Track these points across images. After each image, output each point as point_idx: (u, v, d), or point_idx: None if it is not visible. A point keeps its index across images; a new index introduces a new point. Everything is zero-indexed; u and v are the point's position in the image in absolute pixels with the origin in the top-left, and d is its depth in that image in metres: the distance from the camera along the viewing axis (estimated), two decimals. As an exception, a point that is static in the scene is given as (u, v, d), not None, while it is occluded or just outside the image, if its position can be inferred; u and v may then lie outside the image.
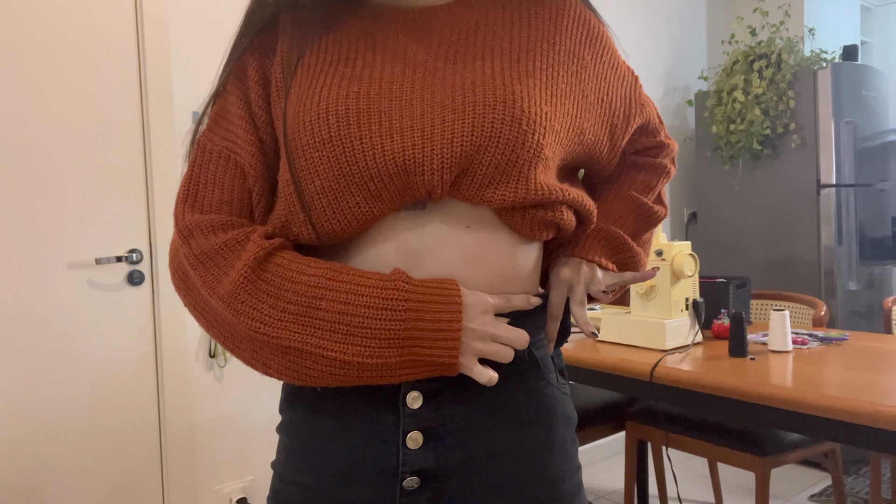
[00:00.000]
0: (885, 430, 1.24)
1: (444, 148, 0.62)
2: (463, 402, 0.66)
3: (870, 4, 4.03)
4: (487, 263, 0.67)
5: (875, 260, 3.17)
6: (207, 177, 0.70)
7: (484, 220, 0.66)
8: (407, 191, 0.63)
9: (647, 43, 3.51)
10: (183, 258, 0.67)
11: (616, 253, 0.79)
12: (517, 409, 0.68)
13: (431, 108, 0.63)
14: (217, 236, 0.66)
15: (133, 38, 2.04)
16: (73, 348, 1.94)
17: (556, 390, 0.72)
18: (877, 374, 1.47)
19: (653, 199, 0.84)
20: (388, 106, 0.63)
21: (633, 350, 1.81)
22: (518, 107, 0.63)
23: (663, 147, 0.85)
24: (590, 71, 0.73)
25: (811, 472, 2.93)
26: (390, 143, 0.62)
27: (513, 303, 0.68)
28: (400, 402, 0.65)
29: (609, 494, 2.77)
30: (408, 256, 0.65)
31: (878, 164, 3.17)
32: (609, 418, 2.29)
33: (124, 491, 2.04)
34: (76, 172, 1.94)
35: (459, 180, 0.64)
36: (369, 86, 0.65)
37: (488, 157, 0.63)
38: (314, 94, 0.65)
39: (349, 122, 0.63)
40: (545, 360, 0.72)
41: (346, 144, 0.62)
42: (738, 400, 1.46)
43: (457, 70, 0.66)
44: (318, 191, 0.64)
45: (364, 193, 0.63)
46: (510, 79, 0.65)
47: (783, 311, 1.73)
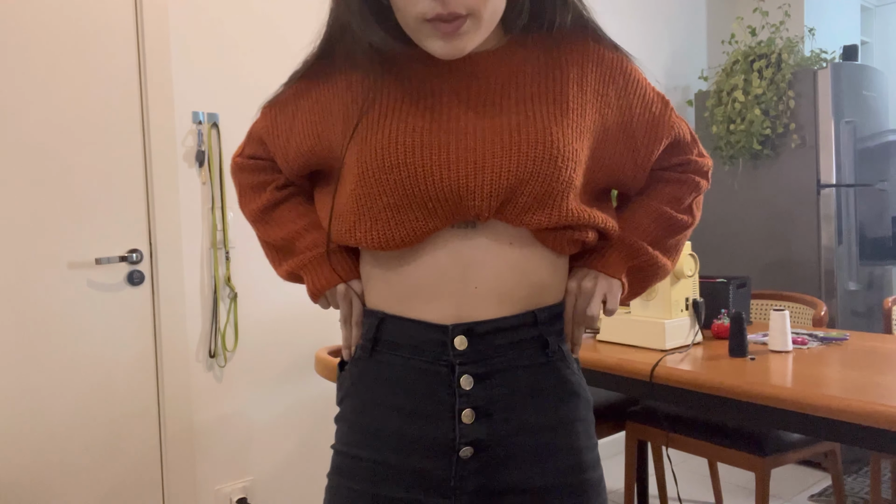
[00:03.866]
0: (885, 430, 1.24)
1: (493, 180, 0.75)
2: (506, 385, 0.80)
3: (870, 4, 4.03)
4: (528, 273, 0.81)
5: (875, 260, 3.17)
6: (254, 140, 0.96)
7: (523, 238, 0.80)
8: (459, 211, 0.77)
9: (647, 43, 3.51)
10: (234, 181, 0.99)
11: (632, 259, 0.89)
12: (548, 391, 0.82)
13: (483, 145, 0.76)
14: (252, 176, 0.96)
15: (133, 38, 2.04)
16: (73, 348, 1.94)
17: (577, 378, 0.86)
18: (877, 374, 1.47)
19: (680, 210, 0.92)
20: (447, 140, 0.77)
21: (633, 350, 1.81)
22: (555, 147, 0.77)
23: (693, 163, 0.94)
24: (613, 105, 0.84)
25: (811, 472, 2.93)
26: (447, 172, 0.76)
27: (349, 322, 0.88)
28: (455, 384, 0.79)
29: (609, 494, 2.77)
30: (461, 265, 0.79)
31: (878, 164, 3.17)
32: (609, 418, 2.29)
33: (124, 491, 2.04)
34: (76, 172, 1.94)
35: (504, 206, 0.77)
36: (430, 122, 0.78)
37: (529, 188, 0.76)
38: (384, 126, 0.79)
39: (413, 152, 0.76)
40: (569, 354, 0.86)
41: (410, 170, 0.76)
42: (738, 400, 1.46)
43: (503, 112, 0.79)
44: (385, 206, 0.78)
45: (423, 211, 0.77)
46: (548, 121, 0.78)
47: (783, 311, 1.73)
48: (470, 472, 0.78)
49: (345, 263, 0.88)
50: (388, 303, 0.82)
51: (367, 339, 0.84)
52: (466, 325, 0.78)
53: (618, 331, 1.90)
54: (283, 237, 0.92)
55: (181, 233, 2.12)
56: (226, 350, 2.22)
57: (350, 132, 0.81)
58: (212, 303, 2.19)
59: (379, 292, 0.84)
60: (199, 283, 2.16)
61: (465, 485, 0.78)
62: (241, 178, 0.97)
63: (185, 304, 2.13)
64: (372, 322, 0.84)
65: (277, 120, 0.91)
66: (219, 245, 2.19)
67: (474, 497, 0.78)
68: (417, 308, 0.80)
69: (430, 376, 0.79)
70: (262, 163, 0.95)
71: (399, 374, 0.81)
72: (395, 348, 0.81)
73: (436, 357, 0.79)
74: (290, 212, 0.93)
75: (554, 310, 0.83)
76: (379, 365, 0.82)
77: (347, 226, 0.81)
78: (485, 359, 0.79)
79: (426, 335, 0.79)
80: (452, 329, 0.78)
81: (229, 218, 2.21)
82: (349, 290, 0.87)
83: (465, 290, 0.78)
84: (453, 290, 0.78)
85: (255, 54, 2.27)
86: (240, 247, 2.24)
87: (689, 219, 0.92)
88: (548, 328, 0.82)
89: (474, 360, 0.78)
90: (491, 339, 0.79)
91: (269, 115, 0.92)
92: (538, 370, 0.81)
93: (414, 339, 0.80)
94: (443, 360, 0.79)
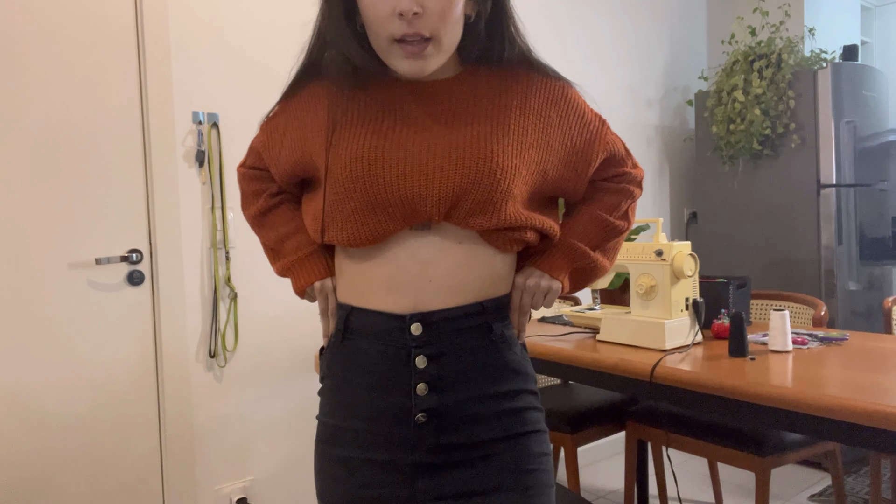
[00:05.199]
0: (885, 430, 1.24)
1: (441, 189, 0.89)
2: (454, 363, 0.93)
3: (870, 4, 4.03)
4: (476, 268, 0.94)
5: (875, 260, 3.17)
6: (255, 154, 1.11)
7: (471, 238, 0.93)
8: (414, 215, 0.90)
9: (647, 43, 3.51)
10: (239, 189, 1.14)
11: (575, 261, 1.03)
12: (492, 369, 0.95)
13: (433, 160, 0.90)
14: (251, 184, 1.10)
15: (133, 38, 2.04)
16: (73, 348, 1.94)
17: (518, 357, 0.99)
18: (877, 374, 1.46)
19: (617, 216, 1.05)
20: (403, 156, 0.90)
21: (633, 350, 1.81)
22: (494, 161, 0.90)
23: (627, 175, 1.07)
24: (555, 125, 0.98)
25: (811, 472, 2.93)
26: (404, 182, 0.89)
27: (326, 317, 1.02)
28: (411, 362, 0.92)
29: (609, 494, 2.77)
30: (418, 262, 0.92)
31: (878, 164, 3.17)
32: (609, 418, 2.29)
33: (124, 491, 2.04)
34: (76, 172, 1.94)
35: (451, 211, 0.90)
36: (391, 140, 0.91)
37: (472, 196, 0.89)
38: (352, 142, 0.92)
39: (376, 165, 0.89)
40: (512, 339, 0.99)
41: (373, 180, 0.89)
42: (738, 400, 1.46)
43: (452, 132, 0.92)
44: (353, 210, 0.91)
45: (384, 214, 0.90)
46: (489, 140, 0.92)
47: (783, 311, 1.73)
48: (425, 434, 0.93)
49: (322, 263, 1.02)
50: (356, 296, 0.96)
51: (338, 329, 0.98)
52: (422, 314, 0.92)
53: (618, 331, 1.90)
54: (275, 239, 1.07)
55: (181, 233, 2.12)
56: (226, 350, 2.22)
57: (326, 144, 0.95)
58: (212, 303, 2.19)
59: (348, 287, 0.97)
60: (199, 283, 2.16)
61: (422, 443, 0.93)
62: (243, 186, 1.12)
63: (185, 305, 2.13)
64: (342, 314, 0.97)
65: (272, 135, 1.04)
66: (219, 245, 2.19)
67: (429, 452, 0.93)
68: (380, 300, 0.93)
69: (391, 357, 0.93)
70: (260, 173, 1.10)
71: (365, 357, 0.95)
72: (361, 335, 0.95)
73: (395, 342, 0.93)
74: (280, 216, 1.07)
75: (501, 301, 0.97)
76: (349, 350, 0.96)
77: (321, 226, 0.95)
78: (436, 342, 0.92)
79: (387, 324, 0.93)
80: (409, 318, 0.91)
81: (229, 218, 2.21)
82: (325, 286, 1.01)
83: (421, 284, 0.91)
84: (411, 284, 0.92)
85: (255, 54, 2.27)
86: (240, 247, 2.24)
87: (625, 224, 1.07)
88: (493, 316, 0.95)
89: (428, 343, 0.92)
90: (443, 326, 0.92)
91: (265, 130, 1.06)
92: (482, 351, 0.94)
93: (377, 327, 0.93)
94: (401, 344, 0.92)
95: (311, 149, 0.97)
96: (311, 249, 1.03)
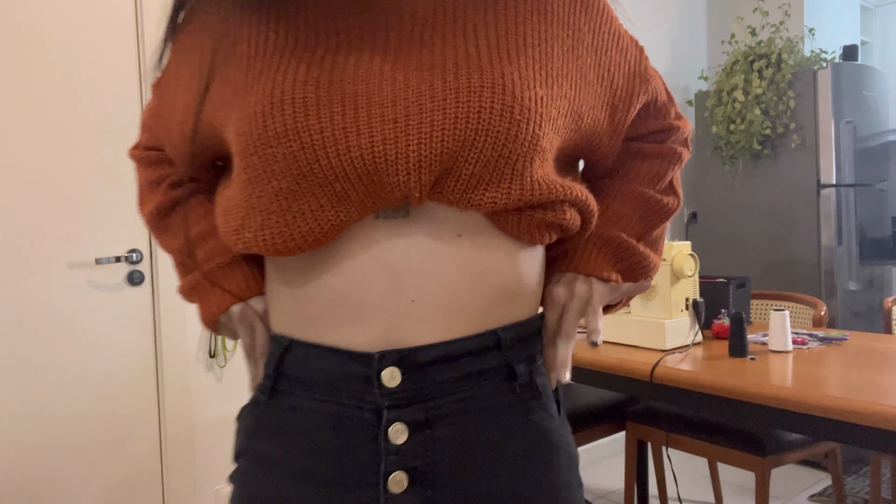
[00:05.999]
0: (885, 430, 1.24)
1: (421, 143, 0.53)
2: (455, 437, 0.58)
3: (870, 4, 4.03)
4: (487, 276, 0.58)
5: (875, 260, 3.17)
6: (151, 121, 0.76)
7: (476, 226, 0.58)
8: (379, 193, 0.54)
9: (647, 43, 3.51)
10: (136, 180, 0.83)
11: (620, 260, 0.69)
12: (517, 446, 0.60)
13: (405, 94, 0.54)
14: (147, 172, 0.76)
15: (133, 38, 2.04)
16: (74, 348, 1.94)
17: (558, 425, 0.63)
18: (877, 374, 1.46)
19: (662, 190, 0.73)
20: (353, 91, 0.54)
21: (633, 350, 1.81)
22: (509, 92, 0.55)
23: (673, 129, 0.73)
24: (587, 44, 0.63)
25: (811, 472, 2.93)
26: (356, 137, 0.53)
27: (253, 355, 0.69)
28: (381, 435, 0.56)
29: (609, 494, 2.77)
30: (391, 270, 0.56)
31: (878, 164, 3.17)
32: (609, 418, 2.29)
33: (124, 491, 2.04)
34: (76, 172, 1.94)
35: (442, 181, 0.55)
36: (331, 71, 0.55)
37: (475, 153, 0.54)
38: (266, 79, 0.56)
39: (307, 113, 0.54)
40: (546, 390, 0.63)
41: (304, 139, 0.53)
42: (738, 400, 1.46)
43: (433, 53, 0.56)
44: (277, 193, 0.55)
45: (329, 196, 0.55)
46: (498, 58, 0.56)
47: (783, 311, 1.73)
48: None
49: (242, 278, 0.68)
50: (296, 325, 0.61)
51: (267, 375, 0.63)
52: (399, 352, 0.57)
53: (618, 331, 1.90)
54: (180, 248, 0.73)
55: (181, 233, 2.12)
56: (226, 350, 2.22)
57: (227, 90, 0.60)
58: (212, 303, 2.19)
59: (285, 312, 0.62)
60: (199, 283, 2.16)
61: None
62: (138, 176, 0.77)
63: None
64: (275, 351, 0.62)
65: (163, 97, 0.70)
66: (219, 245, 2.19)
67: None
68: (333, 331, 0.58)
69: (348, 426, 0.58)
70: (158, 155, 0.74)
71: (305, 425, 0.59)
72: (302, 387, 0.60)
73: (356, 398, 0.58)
74: (187, 215, 0.73)
75: (526, 327, 0.62)
76: (280, 411, 0.61)
77: (235, 224, 0.60)
78: (425, 399, 0.57)
79: (343, 368, 0.58)
80: (379, 359, 0.56)
81: (229, 218, 2.21)
82: (248, 310, 0.67)
83: (397, 305, 0.57)
84: (381, 305, 0.57)
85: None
86: (240, 247, 2.24)
87: (673, 201, 0.73)
88: (516, 353, 0.61)
89: (410, 401, 0.57)
90: (434, 372, 0.57)
91: (155, 91, 0.72)
92: (502, 414, 0.59)
93: (327, 374, 0.58)
94: (366, 403, 0.57)
95: (210, 104, 0.62)
96: (227, 259, 0.68)
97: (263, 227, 0.57)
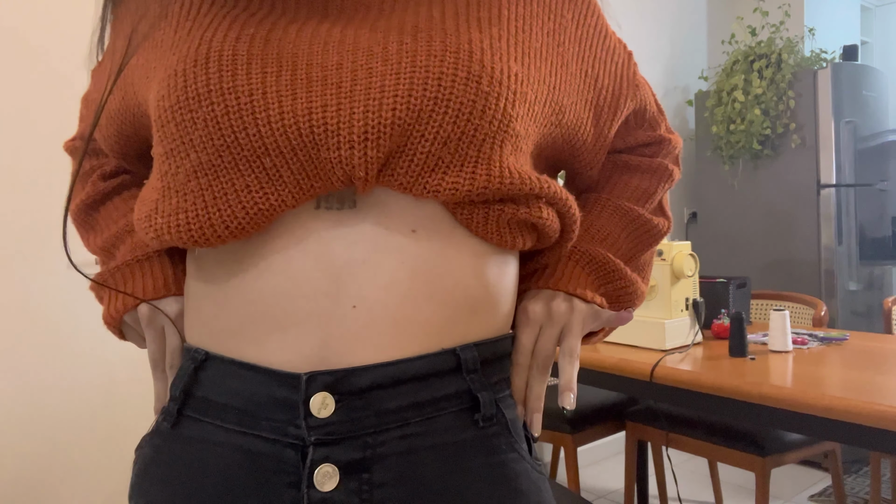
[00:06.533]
0: (885, 430, 1.24)
1: (368, 111, 0.44)
2: (402, 482, 0.46)
3: (870, 4, 4.03)
4: (445, 281, 0.48)
5: (875, 260, 3.17)
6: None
7: (435, 219, 0.48)
8: (318, 172, 0.45)
9: (647, 43, 3.51)
10: None
11: (605, 283, 0.60)
12: (480, 492, 0.48)
13: (353, 57, 0.46)
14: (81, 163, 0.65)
15: (133, 38, 2.04)
16: (74, 348, 1.94)
17: (529, 467, 0.51)
18: (877, 374, 1.47)
19: (652, 210, 0.65)
20: (293, 51, 0.46)
21: (633, 350, 1.81)
22: (477, 60, 0.46)
23: (664, 142, 0.67)
24: (570, 33, 0.56)
25: (811, 472, 2.93)
26: (291, 102, 0.45)
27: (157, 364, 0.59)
28: (304, 479, 0.45)
29: (609, 494, 2.77)
30: (330, 269, 0.46)
31: (878, 164, 3.17)
32: (609, 418, 2.29)
33: (124, 491, 2.04)
34: (76, 172, 1.94)
35: (393, 161, 0.46)
36: (270, 31, 0.48)
37: (433, 127, 0.45)
38: (193, 36, 0.48)
39: (236, 71, 0.45)
40: (515, 425, 0.52)
41: (228, 101, 0.45)
42: (738, 400, 1.46)
43: (394, 16, 0.49)
44: (195, 168, 0.46)
45: (256, 172, 0.45)
46: (466, 25, 0.48)
47: (783, 311, 1.73)
48: None
49: (158, 275, 0.58)
50: (214, 335, 0.50)
51: (173, 397, 0.52)
52: (333, 373, 0.46)
53: (618, 331, 1.90)
54: (102, 244, 0.63)
55: (181, 233, 2.12)
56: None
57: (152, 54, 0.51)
58: (212, 303, 2.19)
59: (202, 318, 0.52)
60: (199, 283, 2.16)
61: None
62: (71, 170, 0.68)
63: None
64: (186, 367, 0.52)
65: (98, 77, 0.63)
66: (219, 245, 2.19)
67: None
68: (255, 344, 0.48)
69: (263, 466, 0.47)
70: (93, 145, 0.67)
71: (210, 463, 0.48)
72: (212, 413, 0.49)
73: (277, 431, 0.47)
74: (113, 209, 0.64)
75: (492, 347, 0.52)
76: (182, 444, 0.50)
77: (147, 210, 0.51)
78: (362, 434, 0.46)
79: (262, 391, 0.47)
80: (308, 381, 0.46)
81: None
82: (156, 313, 0.56)
83: (335, 312, 0.47)
84: (315, 312, 0.47)
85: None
86: (240, 247, 2.24)
87: (664, 223, 0.66)
88: (480, 378, 0.50)
89: (344, 436, 0.46)
90: (375, 399, 0.47)
91: (92, 76, 0.64)
92: (460, 454, 0.48)
93: (244, 398, 0.48)
94: (288, 437, 0.47)
95: (135, 72, 0.53)
96: (140, 254, 0.59)
97: (178, 210, 0.47)
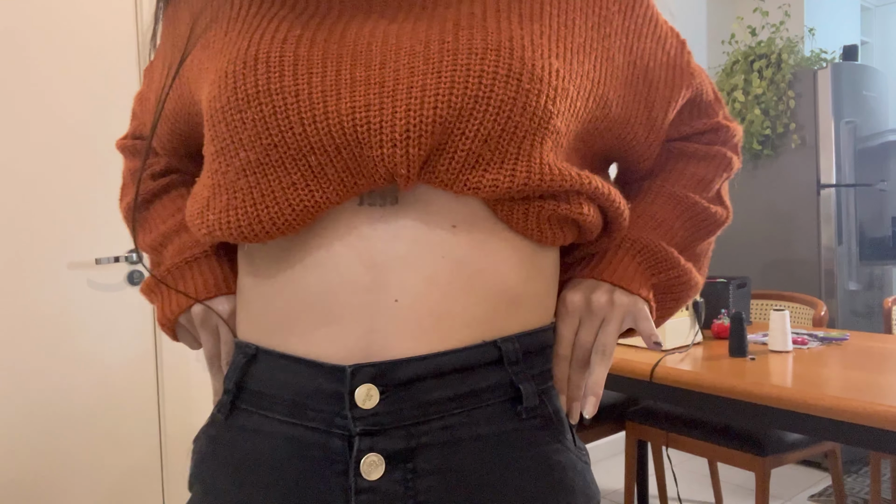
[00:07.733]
0: (885, 430, 1.24)
1: (410, 110, 0.46)
2: (444, 472, 0.47)
3: (870, 4, 4.03)
4: (486, 276, 0.49)
5: (875, 260, 3.17)
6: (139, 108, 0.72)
7: (475, 216, 0.49)
8: (361, 170, 0.47)
9: (647, 43, 3.50)
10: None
11: (656, 273, 0.58)
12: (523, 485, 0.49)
13: (396, 56, 0.48)
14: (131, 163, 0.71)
15: (133, 38, 2.04)
16: (74, 348, 1.94)
17: (574, 457, 0.52)
18: (877, 374, 1.47)
19: (709, 198, 0.64)
20: (338, 52, 0.48)
21: (633, 350, 1.81)
22: (518, 57, 0.47)
23: (722, 129, 0.65)
24: (617, 25, 0.55)
25: (811, 472, 2.93)
26: (335, 102, 0.46)
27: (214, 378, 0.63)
28: (352, 468, 0.47)
29: (609, 494, 2.77)
30: (372, 265, 0.48)
31: (878, 164, 3.17)
32: (609, 418, 2.29)
33: (124, 491, 2.04)
34: (76, 172, 1.94)
35: (435, 159, 0.47)
36: (316, 32, 0.50)
37: (474, 125, 0.46)
38: (243, 38, 0.50)
39: (283, 73, 0.47)
40: (560, 416, 0.53)
41: (276, 102, 0.47)
42: (738, 400, 1.46)
43: (436, 13, 0.50)
44: (244, 166, 0.48)
45: (302, 170, 0.47)
46: (507, 21, 0.49)
47: (783, 311, 1.73)
48: None
49: (208, 275, 0.60)
50: (263, 330, 0.53)
51: (227, 390, 0.55)
52: (377, 366, 0.47)
53: (618, 331, 1.90)
54: (153, 243, 0.64)
55: (181, 233, 2.12)
56: (226, 350, 2.22)
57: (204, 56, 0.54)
58: (212, 303, 2.19)
59: (252, 314, 0.54)
60: (199, 283, 2.16)
61: None
62: (123, 168, 0.72)
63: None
64: (238, 361, 0.54)
65: (151, 76, 0.65)
66: (219, 245, 2.19)
67: None
68: (303, 337, 0.50)
69: (313, 456, 0.49)
70: (143, 143, 0.68)
71: (263, 452, 0.50)
72: (264, 405, 0.52)
73: (325, 421, 0.49)
74: (164, 208, 0.65)
75: (534, 339, 0.52)
76: (236, 434, 0.53)
77: (199, 206, 0.53)
78: (406, 425, 0.48)
79: (312, 383, 0.49)
80: (353, 373, 0.47)
81: (229, 218, 2.20)
82: (209, 313, 0.59)
83: (377, 306, 0.48)
84: (359, 306, 0.48)
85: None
86: (240, 247, 2.24)
87: (723, 211, 0.65)
88: (522, 370, 0.51)
89: (388, 427, 0.47)
90: (418, 391, 0.48)
91: (145, 75, 0.66)
92: (503, 445, 0.49)
93: (292, 390, 0.50)
94: (336, 427, 0.48)
95: (189, 72, 0.56)
96: (194, 254, 0.60)
97: (228, 207, 0.49)
